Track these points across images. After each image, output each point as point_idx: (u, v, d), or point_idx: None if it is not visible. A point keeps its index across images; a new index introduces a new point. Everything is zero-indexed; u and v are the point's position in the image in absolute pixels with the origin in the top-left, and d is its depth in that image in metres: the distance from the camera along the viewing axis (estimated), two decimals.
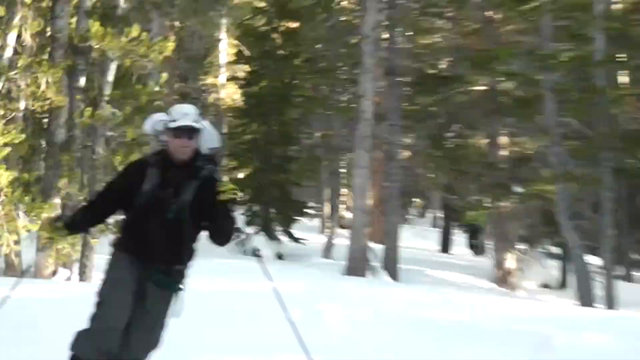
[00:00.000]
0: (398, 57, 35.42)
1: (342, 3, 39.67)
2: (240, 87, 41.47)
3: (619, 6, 37.01)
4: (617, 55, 33.30)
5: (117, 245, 8.91)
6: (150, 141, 19.78)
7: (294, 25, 39.65)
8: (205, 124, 9.02)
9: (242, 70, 41.81)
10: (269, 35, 39.51)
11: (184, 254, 8.69)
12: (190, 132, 8.54)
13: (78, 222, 9.74)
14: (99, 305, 8.51)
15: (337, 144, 37.63)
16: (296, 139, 40.39)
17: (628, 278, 44.51)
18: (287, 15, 39.64)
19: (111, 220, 12.43)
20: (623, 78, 35.44)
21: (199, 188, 8.59)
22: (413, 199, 52.69)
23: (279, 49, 39.10)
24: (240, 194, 9.61)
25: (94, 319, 8.45)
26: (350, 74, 34.58)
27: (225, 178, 9.21)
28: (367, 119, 32.93)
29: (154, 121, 8.94)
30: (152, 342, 8.87)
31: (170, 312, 8.92)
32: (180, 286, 8.98)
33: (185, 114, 8.59)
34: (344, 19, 37.94)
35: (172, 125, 8.51)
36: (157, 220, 8.47)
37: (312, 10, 37.89)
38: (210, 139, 9.32)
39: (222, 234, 9.06)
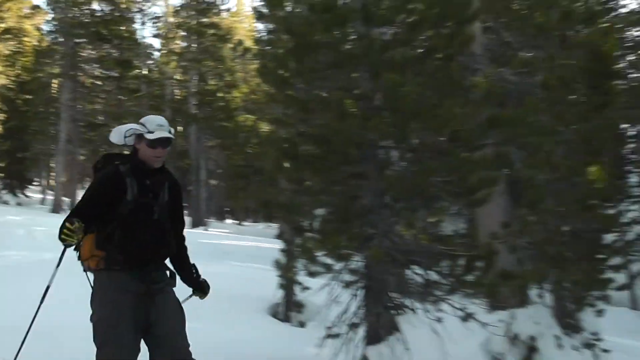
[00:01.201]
0: (79, 113, 34.30)
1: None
2: None
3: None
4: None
5: (107, 266, 4.46)
6: None
7: None
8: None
9: None
10: None
11: (170, 246, 4.77)
12: (166, 143, 4.79)
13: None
14: (105, 346, 4.29)
15: (48, 152, 36.08)
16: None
17: None
18: None
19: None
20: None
21: (169, 189, 4.85)
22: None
23: None
24: None
25: None
26: (57, 122, 33.09)
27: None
28: (63, 141, 31.95)
29: (124, 131, 4.88)
30: (186, 340, 4.57)
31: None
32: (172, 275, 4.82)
33: (160, 125, 4.81)
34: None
35: (151, 137, 4.68)
36: (145, 224, 4.65)
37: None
38: None
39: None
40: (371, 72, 6.64)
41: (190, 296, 4.86)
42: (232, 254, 16.28)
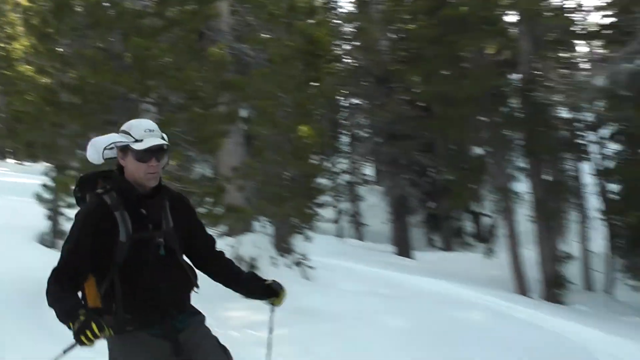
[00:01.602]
0: None
1: None
2: None
3: None
4: None
5: (117, 329, 2.71)
6: None
7: None
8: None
9: None
10: None
11: (191, 282, 2.98)
12: (160, 152, 2.84)
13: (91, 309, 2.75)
14: None
15: None
16: None
17: None
18: None
19: None
20: None
21: (172, 209, 2.97)
22: None
23: None
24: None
25: None
26: None
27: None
28: None
29: (103, 144, 2.87)
30: None
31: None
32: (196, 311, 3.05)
33: (149, 130, 2.85)
34: None
35: (139, 147, 2.78)
36: (150, 267, 2.84)
37: None
38: None
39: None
40: (123, 35, 6.60)
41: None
42: (13, 190, 15.18)
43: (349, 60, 18.61)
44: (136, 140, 2.78)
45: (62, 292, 2.64)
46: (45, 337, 5.33)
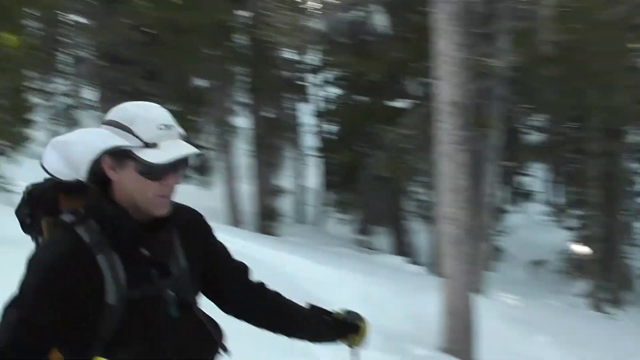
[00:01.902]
0: None
1: None
2: None
3: None
4: None
5: None
6: None
7: None
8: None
9: None
10: None
11: (215, 342, 1.77)
12: (185, 165, 1.64)
13: None
14: None
15: None
16: None
17: None
18: None
19: None
20: None
21: (183, 240, 1.75)
22: None
23: None
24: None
25: None
26: None
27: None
28: None
29: (88, 153, 1.58)
30: None
31: None
32: None
33: (164, 125, 1.58)
34: None
35: (155, 159, 1.56)
36: (159, 332, 1.63)
37: None
38: None
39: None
40: None
41: None
42: None
43: None
44: (146, 145, 1.64)
45: None
46: None
